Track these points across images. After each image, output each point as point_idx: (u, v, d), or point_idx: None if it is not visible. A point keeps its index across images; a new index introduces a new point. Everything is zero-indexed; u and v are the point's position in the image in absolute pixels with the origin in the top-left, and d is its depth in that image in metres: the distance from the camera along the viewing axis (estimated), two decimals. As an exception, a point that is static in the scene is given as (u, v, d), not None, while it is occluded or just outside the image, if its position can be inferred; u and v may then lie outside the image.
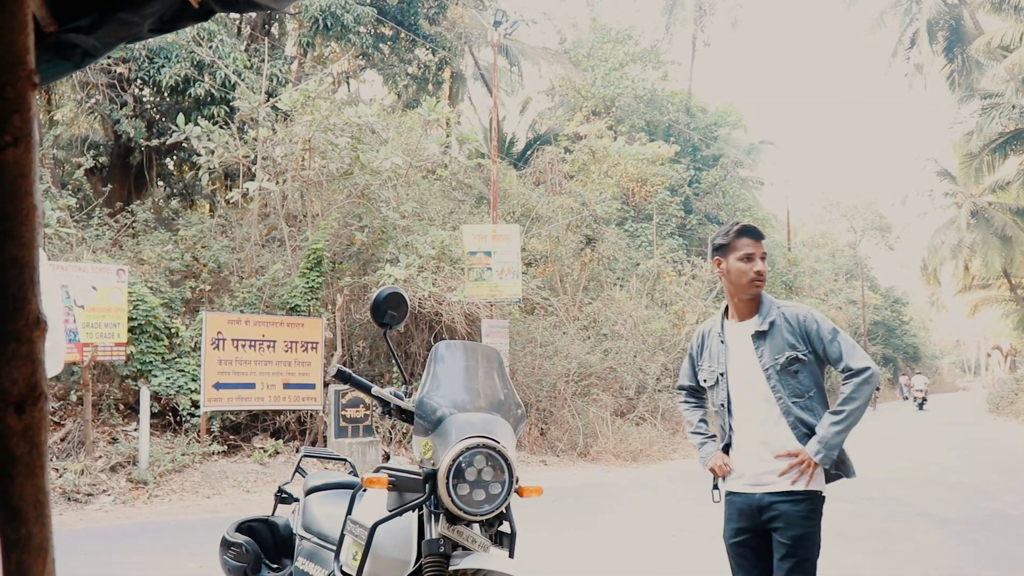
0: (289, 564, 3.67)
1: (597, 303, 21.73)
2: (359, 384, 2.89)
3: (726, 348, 3.74)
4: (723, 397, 3.73)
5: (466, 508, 2.49)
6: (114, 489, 10.76)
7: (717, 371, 3.75)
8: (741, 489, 3.66)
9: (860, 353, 3.67)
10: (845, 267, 51.00)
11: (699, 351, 3.89)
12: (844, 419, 3.53)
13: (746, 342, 3.68)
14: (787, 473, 3.49)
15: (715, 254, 3.80)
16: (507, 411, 2.76)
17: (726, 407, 3.73)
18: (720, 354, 3.75)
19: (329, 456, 4.11)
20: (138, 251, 15.08)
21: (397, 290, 2.97)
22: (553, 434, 16.51)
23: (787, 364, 3.57)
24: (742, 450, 3.69)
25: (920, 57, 36.41)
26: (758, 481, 3.59)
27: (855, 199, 62.54)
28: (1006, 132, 31.17)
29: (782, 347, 3.59)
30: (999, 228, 39.42)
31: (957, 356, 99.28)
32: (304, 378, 13.25)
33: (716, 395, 3.79)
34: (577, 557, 7.41)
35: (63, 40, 0.92)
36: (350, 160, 15.83)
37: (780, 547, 3.51)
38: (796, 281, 34.21)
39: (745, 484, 3.64)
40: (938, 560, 7.28)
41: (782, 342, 3.60)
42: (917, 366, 62.26)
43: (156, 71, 16.94)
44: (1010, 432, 24.27)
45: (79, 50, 0.93)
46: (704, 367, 3.82)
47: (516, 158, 30.47)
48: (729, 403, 3.71)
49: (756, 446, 3.63)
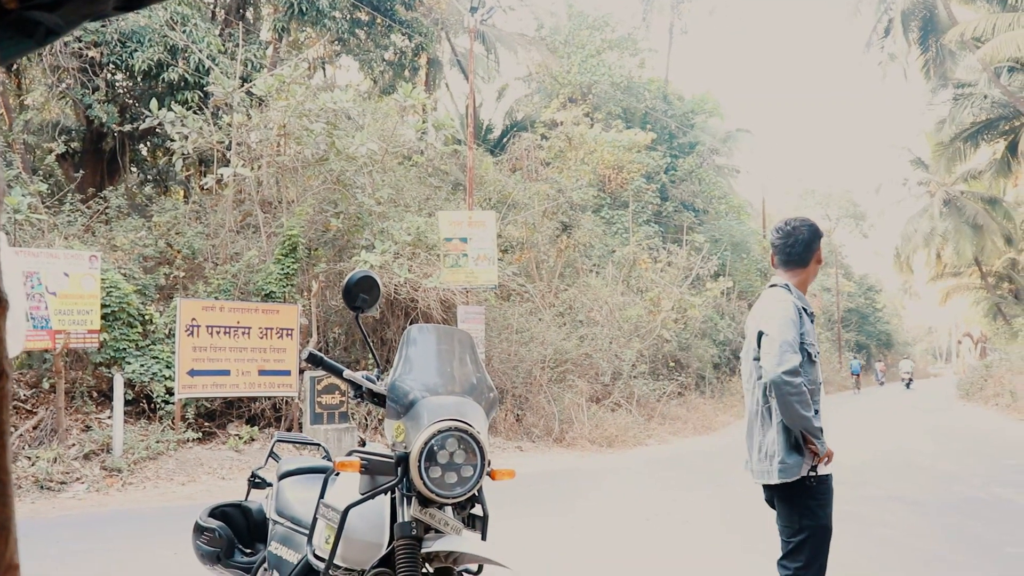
0: (262, 548, 3.66)
1: (573, 290, 21.78)
2: (331, 368, 2.89)
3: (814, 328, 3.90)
4: (820, 376, 3.89)
5: (438, 491, 2.50)
6: (88, 477, 10.69)
7: (817, 349, 3.88)
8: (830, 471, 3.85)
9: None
10: (820, 254, 51.22)
11: (800, 324, 3.84)
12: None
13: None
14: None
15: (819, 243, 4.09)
16: (479, 394, 2.77)
17: (821, 387, 3.89)
18: (814, 332, 3.89)
19: (303, 441, 4.10)
20: (111, 237, 14.95)
21: (369, 274, 2.96)
22: (529, 420, 16.56)
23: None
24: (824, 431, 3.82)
25: (895, 46, 36.62)
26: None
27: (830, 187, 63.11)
28: (978, 121, 31.43)
29: None
30: (971, 217, 39.84)
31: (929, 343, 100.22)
32: (279, 365, 13.21)
33: (817, 372, 3.88)
34: (552, 541, 7.45)
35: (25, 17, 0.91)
36: (325, 146, 15.76)
37: None
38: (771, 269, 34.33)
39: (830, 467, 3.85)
40: (910, 543, 7.38)
41: None
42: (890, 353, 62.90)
43: (129, 55, 16.75)
44: (980, 417, 24.57)
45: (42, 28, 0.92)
46: (808, 342, 3.83)
47: (492, 145, 30.44)
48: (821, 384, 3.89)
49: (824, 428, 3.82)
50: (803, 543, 3.72)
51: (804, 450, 3.71)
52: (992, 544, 7.30)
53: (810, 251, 4.00)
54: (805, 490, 3.73)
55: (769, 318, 3.81)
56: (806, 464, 3.71)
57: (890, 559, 6.77)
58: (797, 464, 3.73)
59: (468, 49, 21.01)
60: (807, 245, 3.99)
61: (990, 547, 7.19)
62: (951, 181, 40.63)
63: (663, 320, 22.42)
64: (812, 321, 3.91)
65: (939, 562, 6.67)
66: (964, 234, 40.35)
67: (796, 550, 3.74)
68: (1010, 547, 7.16)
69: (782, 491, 3.79)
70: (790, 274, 4.01)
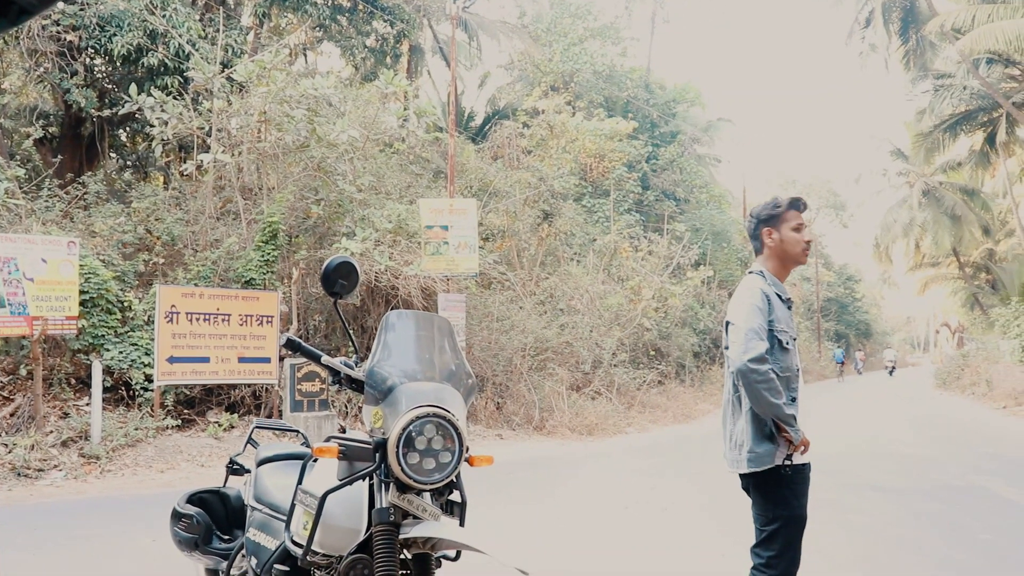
0: (240, 535, 3.66)
1: (554, 278, 21.80)
2: (309, 353, 2.89)
3: (791, 315, 3.90)
4: (797, 362, 3.87)
5: (416, 477, 2.50)
6: (66, 464, 10.65)
7: (793, 335, 3.87)
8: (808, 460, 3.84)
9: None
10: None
11: (768, 310, 3.83)
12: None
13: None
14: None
15: (764, 225, 3.96)
16: (458, 381, 2.77)
17: (799, 373, 3.87)
18: (790, 319, 3.88)
19: (281, 428, 4.09)
20: (90, 223, 14.85)
21: (347, 259, 2.96)
22: (509, 408, 16.59)
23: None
24: (803, 419, 3.82)
25: (875, 37, 36.73)
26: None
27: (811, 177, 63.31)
28: (957, 113, 31.61)
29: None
30: (949, 207, 40.14)
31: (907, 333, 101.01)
32: (259, 352, 13.18)
33: (792, 359, 3.85)
34: (531, 529, 7.48)
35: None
36: (306, 133, 15.70)
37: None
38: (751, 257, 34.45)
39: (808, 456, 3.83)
40: (885, 529, 7.45)
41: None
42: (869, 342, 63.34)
43: (108, 40, 16.60)
44: (956, 406, 24.80)
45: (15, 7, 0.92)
46: (781, 329, 3.82)
47: (474, 133, 30.39)
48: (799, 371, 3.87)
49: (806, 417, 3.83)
50: (776, 532, 3.73)
51: (778, 438, 3.71)
52: (967, 531, 7.39)
53: (757, 236, 4.02)
54: (779, 479, 3.73)
55: (736, 307, 3.85)
56: (780, 452, 3.70)
57: (865, 546, 6.83)
58: (768, 453, 3.73)
59: (450, 36, 20.95)
60: (754, 231, 4.03)
61: (965, 534, 7.27)
62: (930, 172, 40.90)
63: (643, 309, 22.49)
64: (790, 307, 3.91)
65: (914, 549, 6.74)
66: (942, 224, 40.64)
67: (769, 539, 3.76)
68: (984, 534, 7.24)
69: (756, 479, 3.80)
70: (761, 260, 4.03)
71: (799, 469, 3.77)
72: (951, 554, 6.54)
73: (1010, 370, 26.19)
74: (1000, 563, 6.29)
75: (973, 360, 32.98)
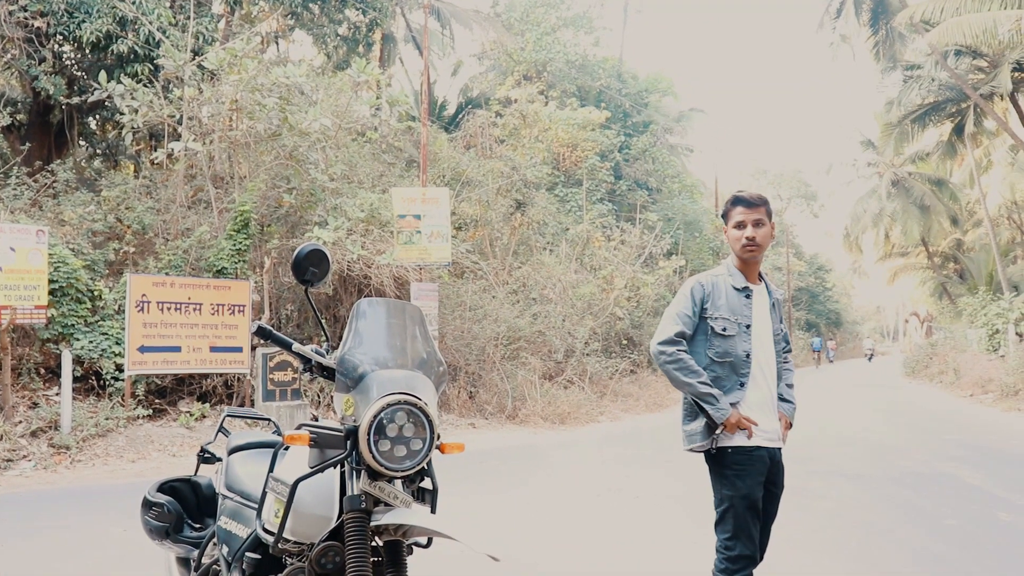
0: (212, 523, 3.66)
1: (527, 267, 21.83)
2: (280, 341, 2.89)
3: (751, 304, 3.93)
4: (746, 348, 3.88)
5: (387, 464, 2.51)
6: (35, 454, 10.58)
7: (742, 322, 3.89)
8: (764, 443, 3.85)
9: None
10: (771, 234, 51.73)
11: (701, 301, 3.92)
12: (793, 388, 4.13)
13: (765, 305, 4.00)
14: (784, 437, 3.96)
15: (723, 221, 4.06)
16: (429, 368, 2.78)
17: (749, 359, 3.88)
18: (744, 307, 3.91)
19: (253, 416, 4.08)
20: (59, 212, 14.73)
21: (318, 247, 2.96)
22: (482, 397, 16.62)
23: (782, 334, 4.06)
24: (759, 404, 3.87)
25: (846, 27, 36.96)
26: (774, 436, 3.90)
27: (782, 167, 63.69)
28: (925, 103, 31.87)
29: (779, 319, 4.05)
30: (918, 197, 40.51)
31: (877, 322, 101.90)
32: (231, 341, 13.13)
33: (736, 344, 3.87)
34: (503, 516, 7.52)
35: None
36: (278, 121, 15.62)
37: (776, 498, 3.94)
38: (724, 248, 34.66)
39: (767, 439, 3.86)
40: (853, 515, 7.56)
41: (778, 314, 4.05)
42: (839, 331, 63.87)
43: (76, 26, 16.42)
44: (924, 394, 25.10)
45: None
46: (720, 316, 3.87)
47: (447, 122, 30.33)
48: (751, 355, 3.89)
49: (769, 402, 3.91)
50: (726, 512, 3.79)
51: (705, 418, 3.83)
52: (932, 516, 7.51)
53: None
54: (723, 458, 3.81)
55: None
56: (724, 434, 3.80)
57: (834, 531, 6.93)
58: (696, 432, 3.87)
59: (423, 25, 20.89)
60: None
61: (930, 519, 7.39)
62: (899, 162, 41.27)
63: (616, 298, 22.58)
64: (748, 295, 3.94)
65: (880, 534, 6.84)
66: (911, 215, 41.04)
67: (721, 519, 3.82)
68: (949, 519, 7.36)
69: (706, 459, 3.92)
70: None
71: (742, 451, 3.79)
72: (918, 539, 6.65)
73: (977, 359, 26.55)
74: (965, 547, 6.40)
75: (941, 349, 33.39)
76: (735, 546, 3.76)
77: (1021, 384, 19.70)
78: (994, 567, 5.89)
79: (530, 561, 5.90)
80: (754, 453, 3.81)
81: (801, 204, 61.62)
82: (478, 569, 5.47)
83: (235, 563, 3.09)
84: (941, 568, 5.87)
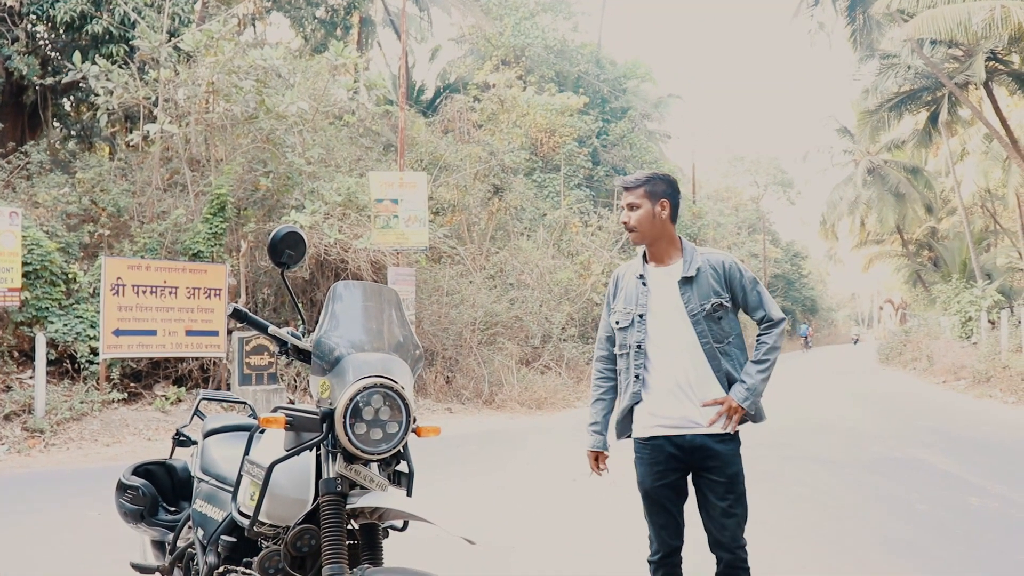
0: (187, 506, 3.65)
1: (504, 252, 21.85)
2: (255, 323, 2.88)
3: (648, 291, 3.76)
4: (638, 338, 3.74)
5: (363, 447, 2.52)
6: (8, 438, 10.53)
7: (634, 312, 3.75)
8: (665, 432, 3.71)
9: (775, 304, 3.80)
10: (748, 221, 52.09)
11: (613, 294, 3.90)
12: (768, 367, 3.67)
13: (671, 286, 3.72)
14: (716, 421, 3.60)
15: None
16: (405, 351, 2.79)
17: (642, 348, 3.74)
18: (640, 295, 3.76)
19: (229, 400, 4.06)
20: (33, 194, 14.60)
21: (294, 229, 2.94)
22: (459, 382, 16.64)
23: (712, 310, 3.65)
24: (660, 393, 3.72)
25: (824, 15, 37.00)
26: (684, 423, 3.66)
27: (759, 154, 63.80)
28: (901, 92, 32.02)
29: (708, 293, 3.66)
30: (894, 185, 40.76)
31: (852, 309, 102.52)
32: (207, 325, 13.08)
33: (629, 336, 3.77)
34: (479, 500, 7.55)
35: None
36: (255, 104, 15.52)
37: (717, 485, 3.64)
38: (700, 234, 34.79)
39: (668, 427, 3.70)
40: (826, 500, 7.65)
41: (708, 288, 3.67)
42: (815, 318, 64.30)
43: (50, 6, 16.23)
44: (898, 380, 25.33)
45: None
46: (618, 308, 3.82)
47: (425, 106, 30.23)
48: (646, 344, 3.74)
49: (675, 389, 3.68)
50: None
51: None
52: (903, 501, 7.60)
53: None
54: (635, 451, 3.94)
55: None
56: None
57: (807, 516, 7.01)
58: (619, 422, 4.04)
59: (401, 8, 20.79)
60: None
61: (901, 504, 7.48)
62: (875, 150, 41.48)
63: (593, 284, 22.63)
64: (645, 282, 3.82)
65: (852, 519, 6.92)
66: (887, 202, 41.29)
67: None
68: (920, 504, 7.45)
69: None
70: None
71: (638, 441, 3.86)
72: (890, 524, 6.73)
73: (950, 346, 26.79)
74: (936, 532, 6.48)
75: (915, 336, 33.69)
76: (650, 536, 3.85)
77: (993, 371, 19.90)
78: (963, 552, 5.97)
79: (506, 545, 5.93)
80: (649, 443, 3.78)
81: (778, 191, 61.90)
82: (454, 552, 5.49)
83: (210, 546, 3.09)
84: (912, 552, 5.94)
